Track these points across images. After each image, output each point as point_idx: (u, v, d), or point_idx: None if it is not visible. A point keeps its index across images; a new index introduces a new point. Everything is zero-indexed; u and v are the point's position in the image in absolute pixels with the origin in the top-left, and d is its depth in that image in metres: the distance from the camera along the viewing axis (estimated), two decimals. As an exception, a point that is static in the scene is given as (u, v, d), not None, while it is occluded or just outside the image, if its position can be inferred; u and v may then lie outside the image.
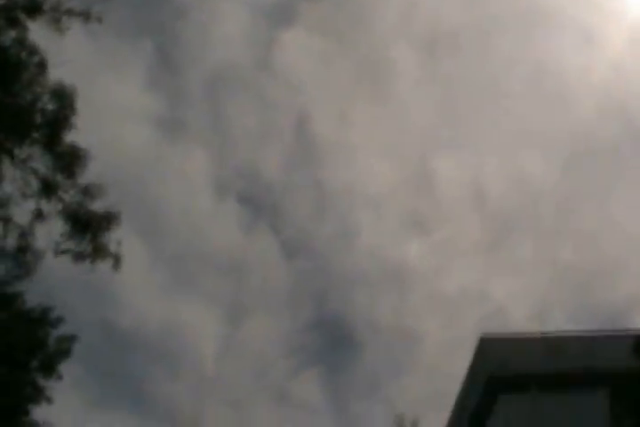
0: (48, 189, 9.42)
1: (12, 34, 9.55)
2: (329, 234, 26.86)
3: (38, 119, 9.57)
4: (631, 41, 24.31)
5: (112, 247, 9.91)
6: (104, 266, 9.98)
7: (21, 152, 9.29)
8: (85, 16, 10.07)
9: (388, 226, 26.28)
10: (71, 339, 12.39)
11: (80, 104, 9.99)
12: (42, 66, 9.74)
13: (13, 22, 9.77)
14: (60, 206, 9.73)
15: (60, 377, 12.30)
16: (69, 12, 10.01)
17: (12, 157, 9.22)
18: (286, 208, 27.21)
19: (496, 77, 26.29)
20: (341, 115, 27.15)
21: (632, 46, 23.93)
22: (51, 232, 9.45)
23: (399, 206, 26.85)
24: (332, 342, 27.59)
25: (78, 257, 9.64)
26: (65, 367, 12.47)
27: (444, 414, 17.23)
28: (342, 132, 26.98)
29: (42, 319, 12.25)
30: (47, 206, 9.51)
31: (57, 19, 9.96)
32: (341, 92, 27.60)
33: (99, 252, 9.83)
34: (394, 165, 26.72)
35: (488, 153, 26.51)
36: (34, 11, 9.92)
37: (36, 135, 9.35)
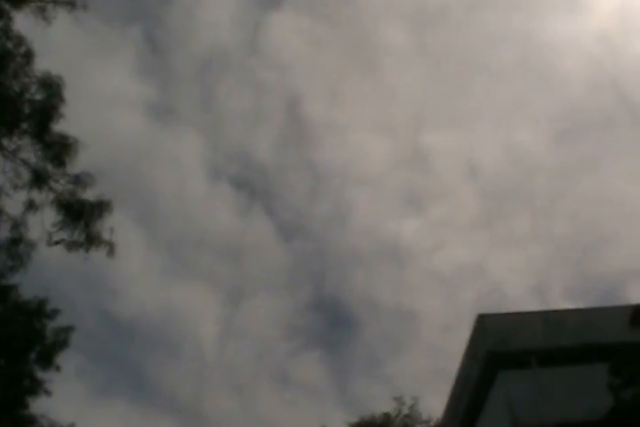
0: (39, 179, 9.38)
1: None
2: (324, 215, 26.92)
3: (26, 110, 9.52)
4: (618, 10, 24.30)
5: (106, 235, 9.89)
6: (99, 254, 9.97)
7: (11, 143, 9.25)
8: (71, 4, 10.02)
9: (383, 204, 26.30)
10: (68, 330, 12.35)
11: (70, 93, 9.95)
12: (28, 56, 9.68)
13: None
14: (51, 196, 9.70)
15: (58, 369, 12.26)
16: (54, 1, 9.96)
17: (1, 148, 9.18)
18: (281, 190, 27.23)
19: (485, 52, 26.26)
20: (332, 95, 27.13)
21: (619, 16, 23.93)
22: (43, 222, 9.42)
23: (394, 184, 26.85)
24: (331, 323, 27.73)
25: (72, 246, 9.61)
26: (65, 358, 12.44)
27: (445, 391, 17.30)
28: (334, 111, 26.97)
29: (38, 311, 12.21)
30: (39, 197, 9.48)
31: (42, 8, 9.92)
32: (331, 72, 27.54)
33: (92, 240, 9.80)
34: (387, 143, 26.73)
35: (480, 127, 26.52)
36: (19, 1, 9.86)
37: (24, 126, 9.30)
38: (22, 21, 9.94)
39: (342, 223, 26.80)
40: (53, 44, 10.73)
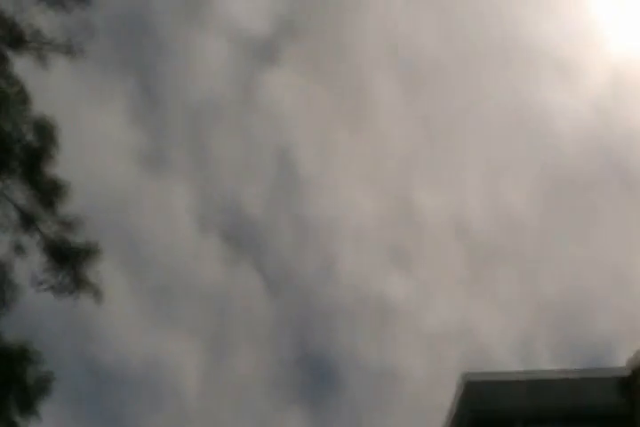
0: (27, 221, 9.32)
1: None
2: (311, 268, 26.83)
3: (19, 151, 9.50)
4: (611, 77, 24.59)
5: (93, 280, 9.80)
6: (85, 300, 9.86)
7: (0, 184, 9.21)
8: (71, 53, 10.08)
9: (370, 260, 26.22)
10: (49, 376, 12.15)
11: (63, 138, 9.94)
12: (23, 97, 9.70)
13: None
14: (38, 239, 9.63)
15: (37, 415, 12.04)
16: (55, 48, 10.02)
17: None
18: (269, 242, 27.15)
19: (476, 110, 26.45)
20: (323, 148, 27.27)
21: (612, 83, 24.20)
22: (29, 265, 9.33)
23: (381, 240, 26.82)
24: (315, 378, 27.42)
25: (58, 290, 9.52)
26: (45, 406, 12.20)
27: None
28: (324, 165, 27.06)
29: (19, 355, 12.04)
30: (25, 239, 9.41)
31: (41, 53, 9.97)
32: (323, 126, 27.71)
33: (79, 284, 9.71)
34: (375, 198, 26.78)
35: (470, 185, 26.63)
36: (18, 45, 9.92)
37: (14, 165, 9.28)
38: (21, 66, 10.00)
39: (328, 278, 26.72)
40: (48, 89, 10.74)
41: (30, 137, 9.66)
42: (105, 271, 9.86)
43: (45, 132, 9.72)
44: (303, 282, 26.68)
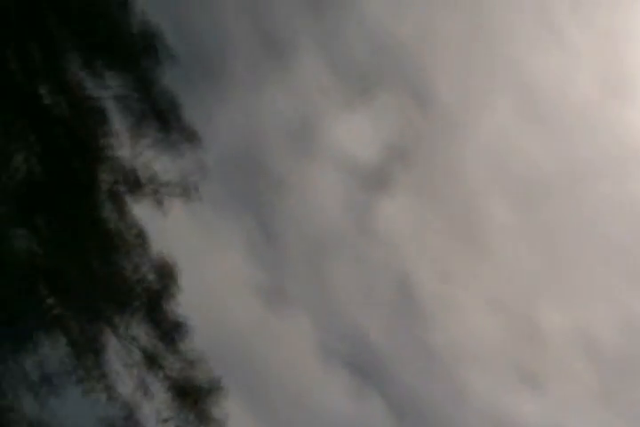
0: (150, 360, 9.46)
1: (113, 207, 9.92)
2: (439, 394, 26.23)
3: (140, 290, 9.74)
4: None
5: (218, 417, 9.81)
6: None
7: (122, 322, 9.41)
8: (187, 195, 10.42)
9: (498, 383, 25.46)
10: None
11: (182, 277, 10.17)
12: (142, 237, 10.01)
13: (115, 197, 10.16)
14: (162, 377, 9.73)
15: None
16: (171, 191, 10.39)
17: (113, 326, 9.34)
18: (394, 371, 26.75)
19: (595, 222, 25.92)
20: (442, 272, 27.03)
21: None
22: (153, 401, 9.41)
23: (509, 362, 26.10)
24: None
25: (182, 426, 9.55)
26: None
27: None
28: (445, 289, 26.75)
29: None
30: (149, 376, 9.53)
31: (158, 198, 10.34)
32: (441, 249, 27.54)
33: (204, 422, 9.73)
34: (500, 320, 26.21)
35: (595, 299, 25.84)
36: (134, 185, 10.32)
37: (137, 305, 9.50)
38: (138, 208, 10.36)
39: (458, 403, 25.98)
40: (166, 229, 11.08)
41: (151, 277, 9.92)
42: (230, 407, 9.85)
43: (165, 271, 9.97)
44: (432, 407, 26.07)
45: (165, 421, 9.41)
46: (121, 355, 9.52)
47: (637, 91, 25.78)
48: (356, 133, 25.91)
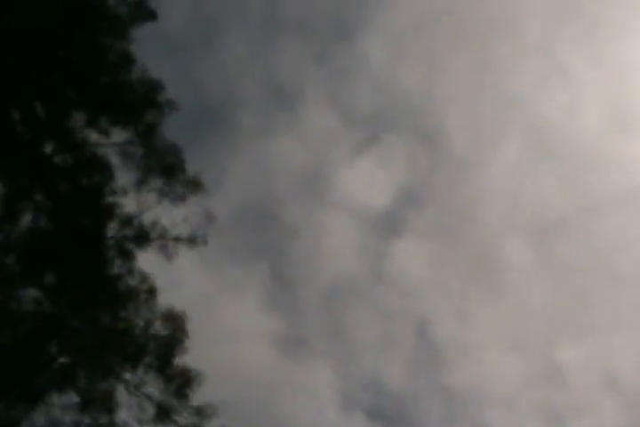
0: (163, 413, 9.41)
1: (122, 263, 9.93)
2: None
3: (150, 344, 9.71)
4: None
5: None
6: None
7: (134, 377, 9.38)
8: (191, 241, 10.44)
9: (522, 423, 25.10)
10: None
11: (196, 327, 10.14)
12: (152, 292, 10.00)
13: (124, 253, 10.17)
14: (176, 430, 9.68)
15: None
16: (175, 239, 10.41)
17: (125, 383, 9.30)
18: (416, 416, 26.44)
19: (610, 258, 25.76)
20: (460, 315, 26.83)
21: None
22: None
23: (531, 402, 25.76)
24: None
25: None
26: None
27: None
28: (463, 332, 26.54)
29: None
30: (163, 430, 9.47)
31: (164, 245, 10.36)
32: (457, 292, 27.37)
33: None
34: (520, 360, 25.94)
35: (615, 335, 25.57)
36: (142, 241, 10.33)
37: (148, 360, 9.46)
38: (146, 259, 10.37)
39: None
40: (178, 280, 11.09)
41: (161, 330, 9.90)
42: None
43: (176, 325, 9.95)
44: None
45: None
46: (134, 411, 9.49)
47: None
48: (366, 179, 25.95)
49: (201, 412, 9.54)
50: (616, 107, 24.85)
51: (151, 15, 10.33)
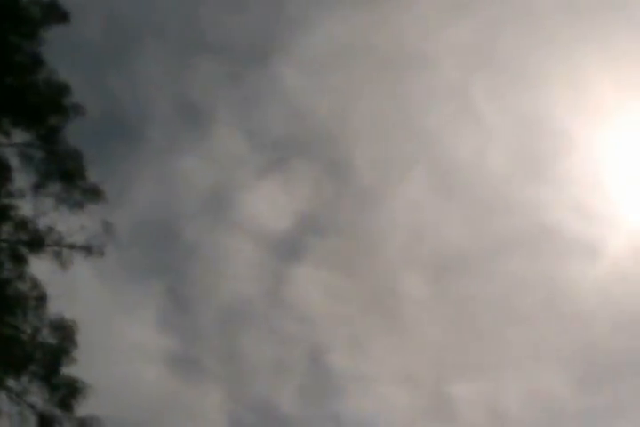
0: (44, 423, 9.14)
1: (13, 267, 9.66)
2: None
3: (37, 353, 9.45)
4: (630, 252, 24.56)
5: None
6: None
7: (18, 385, 9.10)
8: (87, 250, 10.22)
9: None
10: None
11: (89, 339, 9.92)
12: (42, 299, 9.75)
13: (16, 257, 9.90)
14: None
15: None
16: (71, 246, 10.18)
17: (8, 390, 9.02)
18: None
19: (506, 297, 26.23)
20: (354, 345, 26.93)
21: (628, 255, 24.14)
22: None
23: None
24: None
25: None
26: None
27: None
28: (357, 362, 26.64)
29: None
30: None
31: (58, 252, 10.11)
32: (353, 322, 27.50)
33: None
34: (411, 393, 26.14)
35: (505, 373, 26.01)
36: (36, 246, 10.08)
37: (33, 369, 9.20)
38: (40, 265, 10.11)
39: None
40: (71, 290, 10.83)
41: (49, 338, 9.64)
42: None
43: (64, 333, 9.71)
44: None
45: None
46: (15, 419, 9.19)
47: (547, 171, 26.48)
48: (270, 203, 25.94)
49: (84, 424, 9.29)
50: (521, 152, 25.46)
51: (63, 17, 10.15)
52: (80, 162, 10.05)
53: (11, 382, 9.12)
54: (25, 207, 9.89)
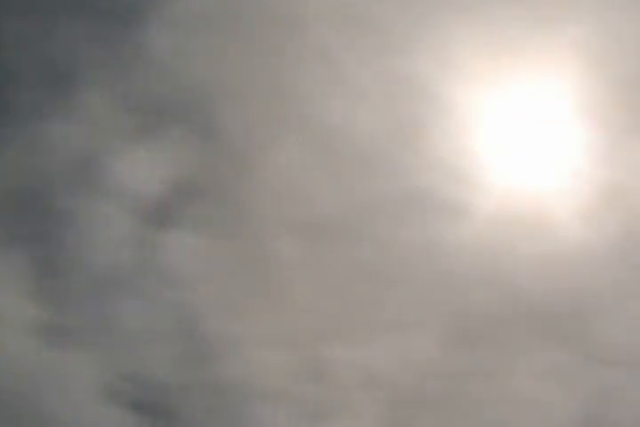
0: None
1: None
2: (226, 433, 25.90)
3: None
4: (498, 214, 25.26)
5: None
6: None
7: None
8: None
9: (285, 418, 25.58)
10: None
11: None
12: None
13: None
14: None
15: None
16: None
17: None
18: (182, 410, 26.29)
19: (381, 262, 26.72)
20: (231, 310, 26.95)
21: (497, 218, 24.84)
22: None
23: (296, 397, 26.30)
24: None
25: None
26: None
27: None
28: (233, 327, 26.70)
29: None
30: None
31: None
32: (228, 288, 27.53)
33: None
34: (288, 357, 26.37)
35: (379, 338, 26.51)
36: None
37: None
38: None
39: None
40: None
41: None
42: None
43: None
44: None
45: None
46: None
47: (418, 138, 26.82)
48: (141, 168, 25.51)
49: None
50: (392, 116, 25.69)
51: None
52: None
53: None
54: None
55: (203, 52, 23.48)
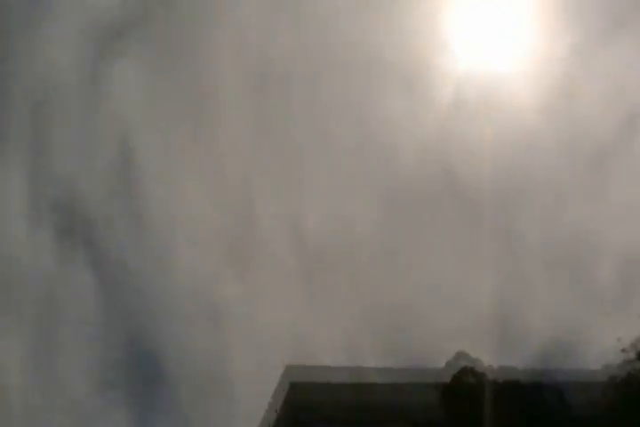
0: None
1: None
2: (148, 265, 26.25)
3: None
4: (455, 95, 25.20)
5: None
6: None
7: None
8: None
9: (206, 261, 25.98)
10: None
11: None
12: None
13: None
14: None
15: None
16: None
17: None
18: (105, 240, 26.48)
19: (320, 121, 26.65)
20: (165, 142, 26.77)
21: (456, 101, 24.79)
22: None
23: (218, 242, 26.62)
24: (144, 380, 26.81)
25: None
26: None
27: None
28: (165, 160, 26.67)
29: None
30: None
31: None
32: (166, 119, 27.26)
33: None
34: (215, 199, 26.51)
35: (310, 193, 26.77)
36: None
37: None
38: None
39: (164, 275, 26.24)
40: None
41: None
42: None
43: None
44: (138, 280, 26.14)
45: None
46: None
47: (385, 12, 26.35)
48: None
49: None
50: None
51: None
52: None
53: None
54: None
55: None
